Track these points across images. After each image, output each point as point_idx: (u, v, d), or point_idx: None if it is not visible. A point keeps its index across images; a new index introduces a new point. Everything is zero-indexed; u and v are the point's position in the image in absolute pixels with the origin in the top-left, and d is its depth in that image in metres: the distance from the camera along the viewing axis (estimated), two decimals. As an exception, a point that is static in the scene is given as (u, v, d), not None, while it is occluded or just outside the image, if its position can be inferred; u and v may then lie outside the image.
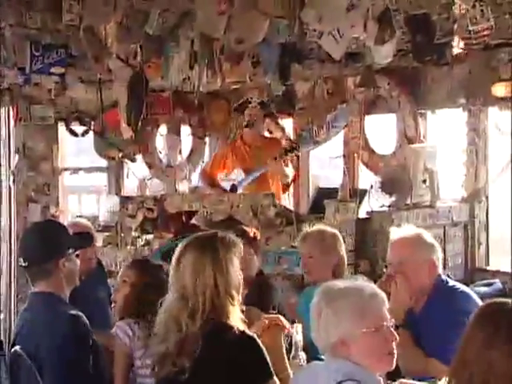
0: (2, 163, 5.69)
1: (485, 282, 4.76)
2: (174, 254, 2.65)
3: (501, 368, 1.74)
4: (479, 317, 1.88)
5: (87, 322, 2.78)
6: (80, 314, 2.78)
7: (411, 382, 2.28)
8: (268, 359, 2.50)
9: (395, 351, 2.19)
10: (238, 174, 5.43)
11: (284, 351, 2.79)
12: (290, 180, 5.59)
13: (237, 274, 2.56)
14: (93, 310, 3.20)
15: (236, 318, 2.52)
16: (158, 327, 2.57)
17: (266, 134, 6.30)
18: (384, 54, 4.16)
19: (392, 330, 2.19)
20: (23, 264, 2.83)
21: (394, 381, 2.45)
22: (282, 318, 2.91)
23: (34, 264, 2.81)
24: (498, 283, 4.70)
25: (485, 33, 3.72)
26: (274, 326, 2.84)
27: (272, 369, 2.51)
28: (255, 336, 2.53)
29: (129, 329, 2.95)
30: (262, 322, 2.84)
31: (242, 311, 2.56)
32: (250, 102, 5.50)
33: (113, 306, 3.14)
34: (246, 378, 2.46)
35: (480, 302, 2.89)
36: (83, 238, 3.25)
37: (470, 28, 3.58)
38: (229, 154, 5.59)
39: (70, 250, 2.88)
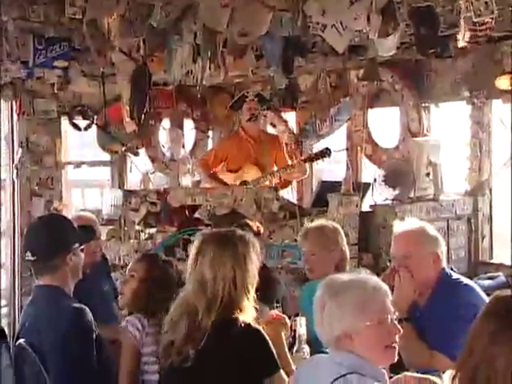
0: (6, 157, 5.70)
1: (488, 275, 4.76)
2: (178, 247, 2.69)
3: (505, 365, 1.74)
4: (488, 311, 1.88)
5: (91, 315, 2.79)
6: (84, 307, 2.78)
7: (416, 374, 2.28)
8: (274, 354, 2.53)
9: (397, 344, 2.19)
10: (251, 171, 5.41)
11: (286, 347, 2.80)
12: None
13: (255, 270, 2.61)
14: (97, 304, 3.21)
15: (249, 313, 2.55)
16: (172, 315, 2.61)
17: (270, 127, 6.31)
18: (387, 47, 4.14)
19: (395, 322, 2.19)
20: (31, 258, 2.83)
21: (398, 373, 2.45)
22: (286, 318, 2.91)
23: (42, 259, 2.81)
24: (501, 276, 4.69)
25: (489, 25, 3.70)
26: (277, 321, 2.84)
27: (278, 364, 2.53)
28: (261, 329, 2.55)
29: (139, 323, 2.94)
30: (269, 315, 2.85)
31: (256, 308, 2.59)
32: (246, 97, 5.50)
33: (120, 297, 3.12)
34: (252, 371, 2.49)
35: (484, 296, 2.89)
36: (87, 231, 3.25)
37: (475, 20, 3.56)
38: (232, 147, 5.57)
39: (76, 245, 2.89)
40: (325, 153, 5.25)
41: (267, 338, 2.54)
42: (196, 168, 6.02)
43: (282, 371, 2.53)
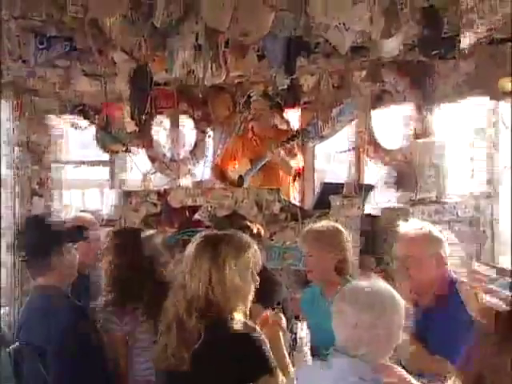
0: (6, 157, 5.69)
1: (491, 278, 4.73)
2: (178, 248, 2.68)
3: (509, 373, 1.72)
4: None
5: (89, 314, 2.79)
6: (82, 305, 2.79)
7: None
8: (268, 354, 2.47)
9: None
10: (244, 166, 5.45)
11: (284, 348, 2.76)
12: (293, 171, 5.60)
13: (236, 273, 2.53)
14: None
15: (238, 316, 2.51)
16: (164, 317, 2.59)
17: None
18: (390, 48, 4.13)
19: None
20: (24, 259, 2.85)
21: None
22: (283, 319, 2.87)
23: (34, 259, 2.83)
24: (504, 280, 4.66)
25: (491, 27, 3.69)
26: (274, 322, 2.81)
27: (273, 364, 2.48)
28: (255, 330, 2.51)
29: (114, 317, 2.99)
30: (264, 316, 2.81)
31: (248, 312, 2.55)
32: (250, 97, 5.53)
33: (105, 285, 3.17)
34: (244, 373, 2.44)
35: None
36: (80, 231, 3.25)
37: (478, 22, 3.54)
38: (239, 147, 5.60)
39: (69, 244, 2.91)
40: (294, 136, 5.41)
41: (261, 338, 2.49)
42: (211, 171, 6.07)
43: (277, 372, 2.48)
